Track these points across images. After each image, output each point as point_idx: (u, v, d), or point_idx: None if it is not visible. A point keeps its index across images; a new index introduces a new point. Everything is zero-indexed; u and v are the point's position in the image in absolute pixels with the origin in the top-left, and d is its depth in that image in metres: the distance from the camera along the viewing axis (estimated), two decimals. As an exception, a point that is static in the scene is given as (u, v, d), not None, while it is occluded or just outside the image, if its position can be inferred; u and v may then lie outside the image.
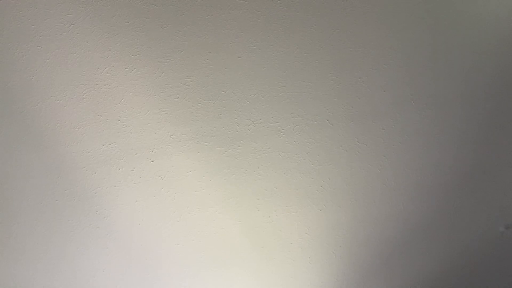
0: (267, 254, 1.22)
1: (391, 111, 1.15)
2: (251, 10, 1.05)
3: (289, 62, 1.09)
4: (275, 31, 1.07)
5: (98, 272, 1.18)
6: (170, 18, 1.03)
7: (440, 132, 1.19)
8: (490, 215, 1.29)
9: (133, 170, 1.11)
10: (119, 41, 1.03)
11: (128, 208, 1.14)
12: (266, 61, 1.08)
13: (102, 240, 1.15)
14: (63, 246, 1.15)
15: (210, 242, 1.19)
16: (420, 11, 1.10)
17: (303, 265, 1.24)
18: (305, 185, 1.18)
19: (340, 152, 1.16)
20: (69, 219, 1.13)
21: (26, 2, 0.99)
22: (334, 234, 1.23)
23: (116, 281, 1.19)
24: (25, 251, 1.14)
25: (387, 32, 1.10)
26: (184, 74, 1.07)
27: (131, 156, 1.10)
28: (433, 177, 1.22)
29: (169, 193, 1.14)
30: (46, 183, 1.09)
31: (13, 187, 1.09)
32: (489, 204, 1.27)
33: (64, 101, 1.05)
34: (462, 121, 1.19)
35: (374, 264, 1.27)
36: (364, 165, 1.18)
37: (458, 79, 1.16)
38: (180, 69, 1.07)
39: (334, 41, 1.09)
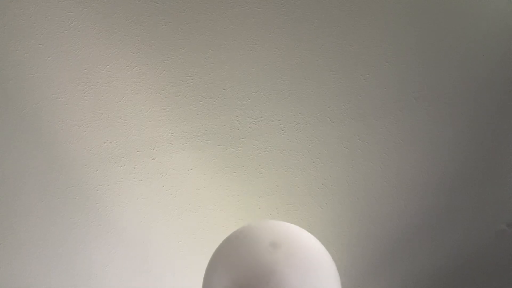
0: (269, 251, 1.21)
1: (393, 109, 1.15)
2: (252, 8, 1.05)
3: (290, 60, 1.09)
4: (276, 28, 1.07)
5: (99, 269, 1.18)
6: (171, 16, 1.03)
7: (442, 130, 1.18)
8: (492, 213, 1.28)
9: (134, 168, 1.11)
10: (121, 39, 1.03)
11: (129, 206, 1.14)
12: (267, 59, 1.08)
13: (104, 238, 1.16)
14: (64, 244, 1.15)
15: (211, 240, 1.19)
16: (422, 8, 1.10)
17: (304, 263, 1.24)
18: (306, 183, 1.18)
19: (341, 149, 1.16)
20: (71, 217, 1.13)
21: (27, 0, 0.99)
22: (335, 232, 1.23)
23: (118, 278, 1.19)
24: (26, 249, 1.14)
25: (389, 30, 1.10)
26: (185, 72, 1.07)
27: (133, 153, 1.11)
28: (435, 174, 1.22)
29: (171, 191, 1.14)
30: (47, 181, 1.10)
31: (14, 185, 1.09)
32: (491, 201, 1.27)
33: (65, 99, 1.05)
34: (465, 119, 1.19)
35: (376, 261, 1.27)
36: (366, 163, 1.18)
37: (460, 77, 1.15)
38: (181, 67, 1.07)
39: (335, 39, 1.09)
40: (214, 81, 1.08)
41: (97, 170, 1.11)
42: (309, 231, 1.23)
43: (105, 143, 1.09)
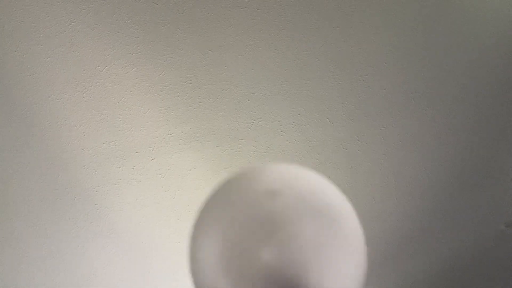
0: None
1: (392, 110, 1.15)
2: (251, 9, 1.05)
3: (289, 61, 1.09)
4: (276, 29, 1.07)
5: (98, 270, 1.18)
6: (170, 17, 1.03)
7: (440, 131, 1.18)
8: (491, 213, 1.28)
9: (133, 169, 1.11)
10: (120, 40, 1.03)
11: (128, 207, 1.14)
12: (266, 60, 1.08)
13: (103, 238, 1.16)
14: (63, 244, 1.15)
15: (210, 240, 1.19)
16: (421, 9, 1.10)
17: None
18: (305, 184, 1.17)
19: (340, 150, 1.16)
20: (70, 218, 1.13)
21: (26, 0, 0.99)
22: (334, 233, 1.23)
23: (117, 279, 1.20)
24: (25, 249, 1.14)
25: (387, 31, 1.10)
26: (185, 72, 1.07)
27: (132, 154, 1.10)
28: (434, 175, 1.22)
29: (170, 191, 1.14)
30: (46, 182, 1.10)
31: (13, 185, 1.09)
32: (490, 202, 1.27)
33: (64, 100, 1.05)
34: (463, 119, 1.19)
35: (375, 262, 1.27)
36: (365, 164, 1.18)
37: (459, 78, 1.15)
38: (180, 68, 1.07)
39: (335, 40, 1.09)
40: (213, 81, 1.08)
41: (96, 171, 1.11)
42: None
43: (104, 143, 1.09)
